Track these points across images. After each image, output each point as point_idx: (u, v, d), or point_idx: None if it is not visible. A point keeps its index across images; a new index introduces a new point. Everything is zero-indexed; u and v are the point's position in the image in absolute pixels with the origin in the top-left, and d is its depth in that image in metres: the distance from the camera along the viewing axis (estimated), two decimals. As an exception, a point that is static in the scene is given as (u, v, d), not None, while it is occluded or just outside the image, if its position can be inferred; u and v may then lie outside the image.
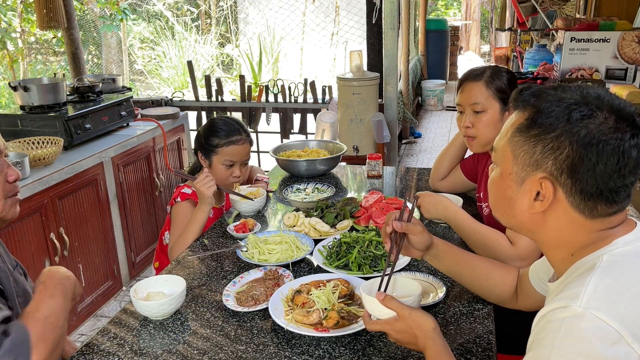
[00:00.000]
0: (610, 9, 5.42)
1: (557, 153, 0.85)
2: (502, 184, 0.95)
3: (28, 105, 2.96)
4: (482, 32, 13.52)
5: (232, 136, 2.07)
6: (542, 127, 0.87)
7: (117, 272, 3.16)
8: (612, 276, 0.82)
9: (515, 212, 0.94)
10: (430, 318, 1.07)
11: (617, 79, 3.87)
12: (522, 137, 0.90)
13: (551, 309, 0.82)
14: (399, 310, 1.09)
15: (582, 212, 0.88)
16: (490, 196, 1.02)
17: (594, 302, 0.78)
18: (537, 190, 0.89)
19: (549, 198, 0.88)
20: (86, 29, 7.56)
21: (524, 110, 0.92)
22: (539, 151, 0.87)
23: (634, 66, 3.81)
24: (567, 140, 0.84)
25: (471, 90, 1.80)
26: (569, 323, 0.78)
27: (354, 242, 1.63)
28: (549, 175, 0.87)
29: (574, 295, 0.80)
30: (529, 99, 0.92)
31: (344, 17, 7.95)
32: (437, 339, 1.06)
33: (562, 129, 0.85)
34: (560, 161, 0.85)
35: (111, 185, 3.07)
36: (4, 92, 6.87)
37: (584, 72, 3.96)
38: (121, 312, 1.45)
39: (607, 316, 0.76)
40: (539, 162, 0.88)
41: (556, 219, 0.90)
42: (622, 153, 0.83)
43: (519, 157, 0.91)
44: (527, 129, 0.90)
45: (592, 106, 0.85)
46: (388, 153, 3.94)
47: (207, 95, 4.33)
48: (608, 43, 3.85)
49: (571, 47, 3.96)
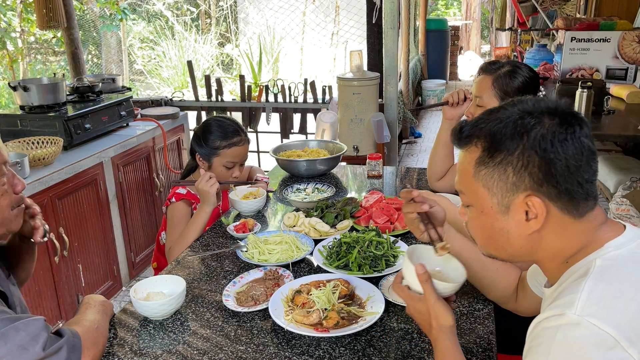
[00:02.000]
0: (610, 9, 5.42)
1: (529, 168, 0.86)
2: (487, 221, 0.94)
3: (28, 105, 2.96)
4: (483, 32, 13.51)
5: (232, 138, 2.07)
6: (503, 151, 0.88)
7: (117, 272, 3.16)
8: (606, 281, 0.82)
9: (512, 240, 0.93)
10: (450, 315, 1.06)
11: (618, 78, 3.87)
12: (488, 169, 0.90)
13: (546, 317, 0.82)
14: (427, 293, 1.07)
15: (572, 213, 0.88)
16: (477, 237, 1.00)
17: (589, 309, 0.78)
18: (524, 210, 0.89)
19: (543, 212, 0.88)
20: (86, 28, 7.55)
21: (475, 144, 0.92)
22: (512, 174, 0.88)
23: (634, 66, 3.81)
24: (532, 152, 0.86)
25: (480, 83, 1.81)
26: (564, 330, 0.78)
27: (354, 242, 1.62)
28: (531, 191, 0.87)
29: (568, 302, 0.80)
30: (472, 133, 0.93)
31: (344, 17, 7.94)
32: (451, 336, 1.05)
33: (523, 145, 0.86)
34: (536, 173, 0.86)
35: (111, 185, 3.06)
36: (4, 92, 6.87)
37: (585, 72, 3.96)
38: (121, 312, 1.45)
39: (602, 322, 0.76)
40: (516, 184, 0.88)
41: (551, 230, 0.90)
42: (580, 143, 0.86)
43: (493, 188, 0.90)
44: (489, 159, 0.90)
45: (534, 114, 0.87)
46: (388, 153, 3.94)
47: (207, 95, 4.33)
48: (608, 43, 3.85)
49: (571, 47, 3.96)
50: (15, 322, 1.07)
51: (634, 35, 3.75)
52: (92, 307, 1.34)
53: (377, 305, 1.35)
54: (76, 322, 1.26)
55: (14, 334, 1.06)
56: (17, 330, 1.07)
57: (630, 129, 3.00)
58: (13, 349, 1.05)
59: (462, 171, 0.96)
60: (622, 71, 3.84)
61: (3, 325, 1.06)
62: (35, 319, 1.11)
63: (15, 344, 1.05)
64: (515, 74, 1.79)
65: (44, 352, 1.07)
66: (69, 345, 1.13)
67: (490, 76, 1.80)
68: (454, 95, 2.03)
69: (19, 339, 1.06)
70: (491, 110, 0.94)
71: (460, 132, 0.95)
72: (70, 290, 2.77)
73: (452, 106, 2.04)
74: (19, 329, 1.07)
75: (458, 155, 1.00)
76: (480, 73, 1.87)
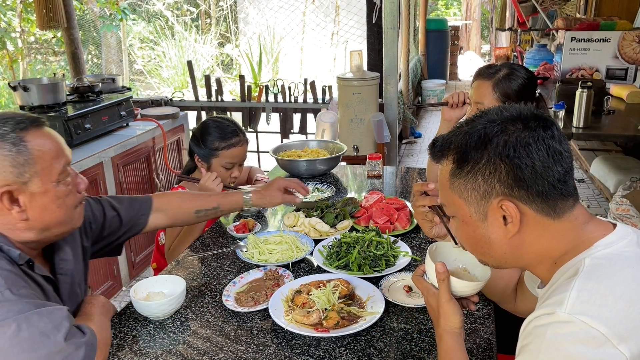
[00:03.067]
0: (610, 9, 5.43)
1: (497, 174, 0.89)
2: (470, 229, 0.97)
3: (28, 105, 2.96)
4: (483, 32, 13.52)
5: (231, 139, 2.07)
6: (471, 161, 0.91)
7: (117, 272, 3.16)
8: (595, 279, 0.83)
9: (495, 245, 0.95)
10: (457, 318, 1.07)
11: (618, 78, 3.87)
12: (460, 180, 0.94)
13: (537, 315, 0.84)
14: (441, 292, 1.09)
15: (549, 214, 0.90)
16: (466, 245, 1.03)
17: (579, 307, 0.79)
18: (501, 214, 0.91)
19: (517, 215, 0.90)
20: (86, 28, 7.55)
21: (448, 158, 0.96)
22: (482, 181, 0.91)
23: (634, 66, 3.81)
24: (498, 159, 0.89)
25: (479, 88, 1.80)
26: (554, 328, 0.80)
27: (354, 242, 1.62)
28: (503, 196, 0.90)
29: (559, 301, 0.82)
30: (444, 147, 0.97)
31: (344, 17, 7.94)
32: (456, 336, 1.06)
33: (487, 153, 0.89)
34: (504, 179, 0.89)
35: (111, 185, 3.06)
36: (4, 92, 6.87)
37: (584, 72, 3.96)
38: (121, 312, 1.45)
39: (592, 320, 0.77)
40: (488, 191, 0.91)
41: (531, 232, 0.91)
42: (546, 145, 0.88)
43: (469, 198, 0.93)
44: (459, 170, 0.93)
45: (498, 122, 0.90)
46: (388, 153, 3.94)
47: (207, 95, 4.33)
48: (608, 43, 3.85)
49: (571, 47, 3.96)
50: (40, 308, 1.07)
51: (634, 35, 3.75)
52: (95, 308, 1.33)
53: (377, 305, 1.35)
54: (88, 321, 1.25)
55: (37, 320, 1.05)
56: (40, 315, 1.06)
57: (630, 129, 3.01)
58: (35, 334, 1.04)
59: (441, 184, 1.00)
60: (622, 71, 3.84)
61: (27, 308, 1.06)
62: (59, 308, 1.11)
63: (37, 330, 1.05)
64: (514, 76, 1.79)
65: (65, 343, 1.06)
66: (88, 344, 1.12)
67: (489, 81, 1.79)
68: (454, 96, 2.03)
69: (42, 325, 1.05)
70: (461, 124, 0.97)
71: (434, 147, 1.00)
72: (70, 290, 2.77)
73: (451, 107, 2.04)
74: (42, 315, 1.06)
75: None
76: (477, 78, 1.86)
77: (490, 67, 1.85)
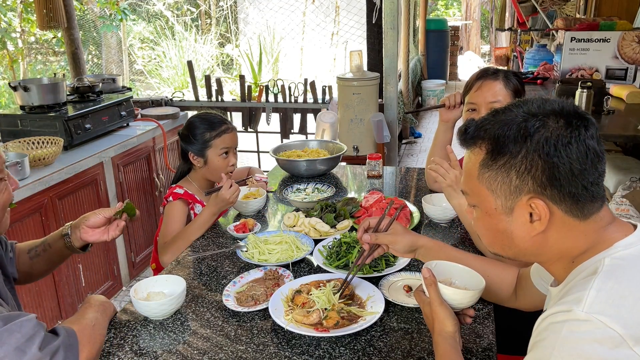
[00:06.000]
0: (610, 9, 5.42)
1: (532, 171, 0.86)
2: (492, 221, 0.94)
3: (28, 105, 2.96)
4: (482, 32, 13.52)
5: (220, 126, 2.11)
6: (506, 155, 0.88)
7: (117, 272, 3.16)
8: (615, 280, 0.82)
9: (516, 241, 0.93)
10: (451, 322, 1.08)
11: (617, 78, 3.87)
12: (491, 171, 0.90)
13: (553, 312, 0.82)
14: (431, 297, 1.09)
15: (577, 216, 0.88)
16: (483, 236, 1.00)
17: (597, 306, 0.78)
18: (528, 212, 0.89)
19: (546, 214, 0.87)
20: (86, 29, 7.55)
21: (480, 146, 0.92)
22: (515, 177, 0.88)
23: (634, 66, 3.81)
24: (535, 155, 0.85)
25: (492, 89, 1.81)
26: (570, 326, 0.78)
27: (354, 242, 1.62)
28: (535, 194, 0.87)
29: (577, 299, 0.80)
30: (477, 134, 0.93)
31: (344, 17, 7.93)
32: (450, 341, 1.06)
33: (526, 148, 0.86)
34: (539, 177, 0.86)
35: (111, 185, 3.06)
36: (4, 92, 6.87)
37: (584, 72, 3.96)
38: (121, 312, 1.45)
39: (609, 320, 0.76)
40: (519, 187, 0.88)
41: (555, 231, 0.90)
42: (585, 146, 0.85)
43: (497, 191, 0.90)
44: (492, 162, 0.90)
45: (539, 117, 0.86)
46: (388, 153, 3.94)
47: (207, 95, 4.33)
48: (608, 43, 3.85)
49: (571, 47, 3.96)
50: (8, 324, 1.05)
51: (634, 35, 3.75)
52: (92, 307, 1.34)
53: (377, 305, 1.35)
54: (73, 320, 1.26)
55: (7, 337, 1.04)
56: (11, 332, 1.05)
57: (630, 129, 3.00)
58: (10, 352, 1.03)
59: (467, 173, 0.96)
60: (622, 71, 3.84)
61: None
62: (28, 319, 1.09)
63: (11, 347, 1.03)
64: (511, 74, 1.86)
65: (41, 352, 1.06)
66: (64, 345, 1.12)
67: (498, 80, 1.81)
68: (451, 98, 2.05)
69: (14, 341, 1.04)
70: (497, 111, 0.93)
71: (465, 133, 0.95)
72: (70, 290, 2.77)
73: (448, 109, 2.05)
74: (12, 331, 1.05)
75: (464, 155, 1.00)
76: (482, 79, 1.85)
77: (489, 69, 1.88)
